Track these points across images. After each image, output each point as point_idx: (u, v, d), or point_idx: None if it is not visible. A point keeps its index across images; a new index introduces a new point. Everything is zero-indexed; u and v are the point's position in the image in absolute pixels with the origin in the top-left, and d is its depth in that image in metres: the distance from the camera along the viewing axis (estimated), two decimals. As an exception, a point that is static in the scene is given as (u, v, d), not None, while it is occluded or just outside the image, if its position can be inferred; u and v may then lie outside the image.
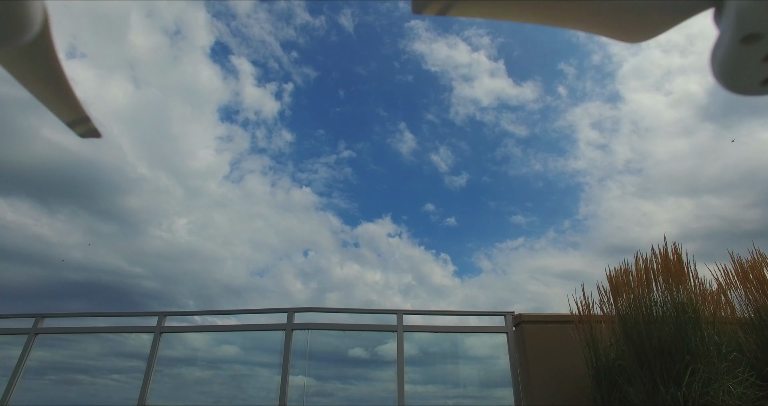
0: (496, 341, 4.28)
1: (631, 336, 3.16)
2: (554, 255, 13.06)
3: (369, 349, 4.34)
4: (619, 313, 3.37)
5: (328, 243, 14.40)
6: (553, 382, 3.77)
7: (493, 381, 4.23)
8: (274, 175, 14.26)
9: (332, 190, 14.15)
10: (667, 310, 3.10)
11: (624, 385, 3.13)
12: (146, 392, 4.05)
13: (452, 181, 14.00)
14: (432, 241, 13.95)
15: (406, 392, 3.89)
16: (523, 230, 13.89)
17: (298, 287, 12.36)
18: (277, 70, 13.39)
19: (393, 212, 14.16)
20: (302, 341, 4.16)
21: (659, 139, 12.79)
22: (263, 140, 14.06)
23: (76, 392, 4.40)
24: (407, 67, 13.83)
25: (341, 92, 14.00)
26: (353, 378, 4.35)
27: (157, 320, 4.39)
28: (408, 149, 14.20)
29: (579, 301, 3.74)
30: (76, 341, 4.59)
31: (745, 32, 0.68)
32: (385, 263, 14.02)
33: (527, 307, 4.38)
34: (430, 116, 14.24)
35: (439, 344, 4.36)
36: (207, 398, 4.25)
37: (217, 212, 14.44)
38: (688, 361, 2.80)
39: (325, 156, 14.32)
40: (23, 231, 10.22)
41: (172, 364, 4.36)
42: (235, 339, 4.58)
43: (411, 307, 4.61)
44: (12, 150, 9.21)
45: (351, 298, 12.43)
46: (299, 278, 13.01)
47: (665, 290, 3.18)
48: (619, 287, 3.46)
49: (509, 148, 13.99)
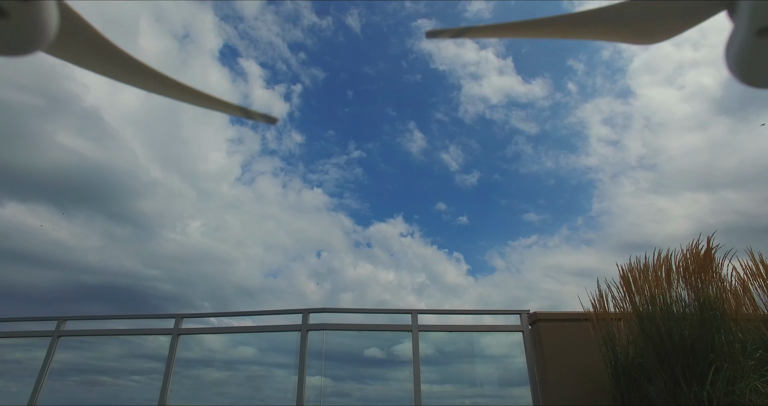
0: (512, 340, 4.25)
1: (650, 333, 3.10)
2: (568, 252, 12.92)
3: (384, 349, 4.35)
4: (636, 310, 3.31)
5: (340, 243, 14.46)
6: (570, 380, 3.72)
7: (510, 380, 4.19)
8: (285, 177, 14.38)
9: (343, 191, 14.20)
10: (689, 307, 3.03)
11: (644, 383, 3.07)
12: (166, 393, 4.12)
13: (463, 180, 13.94)
14: (444, 240, 13.92)
15: (422, 392, 3.88)
16: (536, 227, 13.77)
17: (312, 287, 12.43)
18: (286, 71, 13.49)
19: (405, 212, 14.16)
20: (317, 341, 4.18)
21: (672, 134, 12.55)
22: (273, 142, 14.18)
23: (98, 393, 4.49)
24: (415, 67, 13.80)
25: (350, 93, 14.04)
26: (369, 378, 4.36)
27: (174, 322, 4.46)
28: (418, 148, 14.18)
29: (594, 298, 3.69)
30: (96, 344, 4.69)
31: (760, 25, 0.66)
32: (398, 262, 14.02)
33: (542, 305, 4.33)
34: (439, 115, 14.20)
35: (454, 344, 4.34)
36: (225, 399, 4.30)
37: (229, 213, 14.61)
38: (711, 359, 2.73)
39: (336, 157, 14.38)
40: (42, 236, 10.47)
41: (190, 365, 4.42)
42: (251, 340, 4.62)
43: (425, 306, 4.60)
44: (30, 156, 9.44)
45: (364, 298, 12.46)
46: (312, 278, 13.09)
47: (689, 286, 3.11)
48: (633, 283, 3.41)
49: (520, 146, 13.87)
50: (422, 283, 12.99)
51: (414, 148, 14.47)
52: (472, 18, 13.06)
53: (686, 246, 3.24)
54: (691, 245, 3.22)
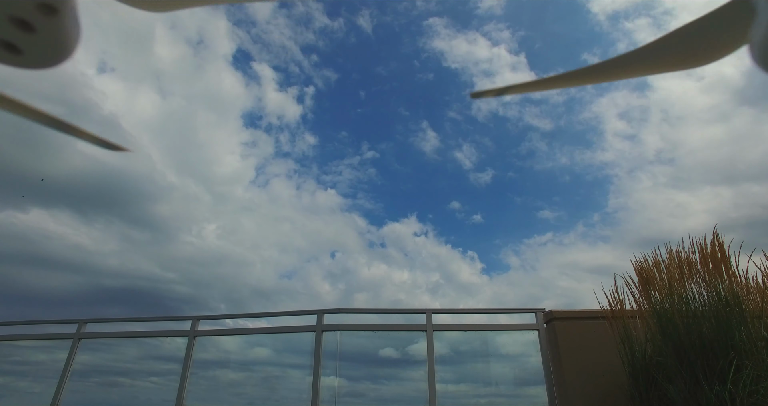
0: (527, 339, 4.22)
1: (668, 331, 3.05)
2: (584, 250, 12.77)
3: (399, 349, 4.35)
4: (654, 307, 3.26)
5: (354, 244, 14.50)
6: (587, 379, 3.69)
7: (526, 379, 4.17)
8: (299, 179, 14.46)
9: (357, 192, 14.24)
10: (707, 304, 2.98)
11: (663, 382, 3.03)
12: (183, 394, 4.18)
13: (477, 178, 13.87)
14: (458, 239, 13.87)
15: (437, 392, 3.88)
16: (551, 224, 13.64)
17: (326, 288, 12.50)
18: (298, 74, 13.57)
19: (418, 211, 14.14)
20: (332, 342, 4.20)
21: (692, 126, 12.31)
22: (287, 144, 14.28)
23: (117, 394, 4.58)
24: (427, 66, 13.77)
25: (362, 93, 14.06)
26: (384, 378, 4.37)
27: (190, 323, 4.52)
28: (431, 148, 14.14)
29: (611, 295, 3.65)
30: (115, 345, 4.78)
31: None
32: (412, 262, 14.01)
33: (558, 303, 4.30)
34: (452, 113, 14.15)
35: (469, 343, 4.32)
36: (241, 400, 4.35)
37: (244, 216, 14.75)
38: (732, 357, 2.68)
39: (349, 157, 14.42)
40: (64, 240, 10.72)
41: (207, 366, 4.48)
42: (267, 341, 4.66)
43: (439, 306, 4.59)
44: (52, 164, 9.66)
45: (379, 298, 12.49)
46: (327, 279, 13.15)
47: (705, 283, 3.05)
48: (649, 280, 3.35)
49: (534, 143, 13.75)
50: (436, 282, 12.97)
51: (427, 148, 14.45)
52: (484, 14, 12.98)
53: (697, 241, 3.18)
54: (699, 241, 3.15)
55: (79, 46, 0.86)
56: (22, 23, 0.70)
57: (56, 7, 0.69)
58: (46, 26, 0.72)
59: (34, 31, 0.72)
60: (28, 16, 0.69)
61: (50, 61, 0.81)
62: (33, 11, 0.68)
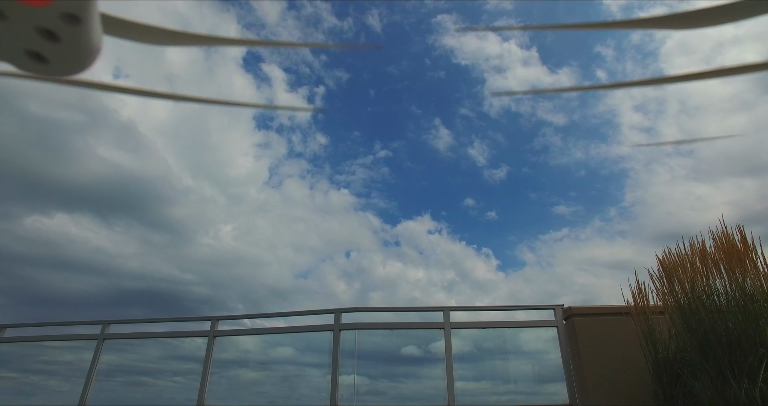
0: (546, 336, 4.18)
1: (692, 327, 2.98)
2: (601, 245, 12.56)
3: (417, 347, 4.35)
4: (678, 303, 3.19)
5: (369, 243, 14.54)
6: (608, 376, 3.63)
7: (545, 376, 4.13)
8: (312, 179, 14.55)
9: (370, 191, 14.26)
10: (732, 298, 2.90)
11: (688, 379, 2.96)
12: (204, 393, 4.25)
13: (491, 175, 13.76)
14: (473, 236, 13.79)
15: (456, 389, 3.87)
16: (567, 220, 13.45)
17: (342, 287, 12.57)
18: (309, 74, 13.63)
19: (432, 209, 14.10)
20: (350, 340, 4.22)
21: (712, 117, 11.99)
22: (299, 145, 14.38)
23: (141, 394, 4.68)
24: (438, 63, 13.70)
25: (373, 92, 14.06)
26: (402, 376, 4.37)
27: (210, 324, 4.59)
28: (444, 145, 14.08)
29: (633, 290, 3.58)
30: (138, 346, 4.89)
31: None
32: (427, 260, 13.98)
33: (576, 299, 4.25)
34: (464, 110, 14.05)
35: (487, 340, 4.30)
36: (262, 399, 4.40)
37: (259, 217, 14.91)
38: (762, 354, 2.60)
39: (362, 157, 14.45)
40: (86, 244, 11.00)
41: (227, 366, 4.55)
42: (285, 341, 4.71)
43: (455, 303, 4.58)
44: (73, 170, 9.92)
45: (394, 296, 12.50)
46: (342, 278, 13.22)
47: (728, 277, 2.97)
48: (673, 274, 3.28)
49: (548, 138, 13.58)
50: (452, 280, 12.93)
51: (440, 145, 14.38)
52: (493, 10, 12.85)
53: (720, 233, 3.09)
54: (720, 234, 3.06)
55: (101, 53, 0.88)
56: (47, 33, 0.72)
57: (80, 16, 0.71)
58: (70, 35, 0.73)
59: (58, 40, 0.74)
60: (53, 26, 0.71)
61: (74, 69, 0.83)
62: (58, 21, 0.70)
